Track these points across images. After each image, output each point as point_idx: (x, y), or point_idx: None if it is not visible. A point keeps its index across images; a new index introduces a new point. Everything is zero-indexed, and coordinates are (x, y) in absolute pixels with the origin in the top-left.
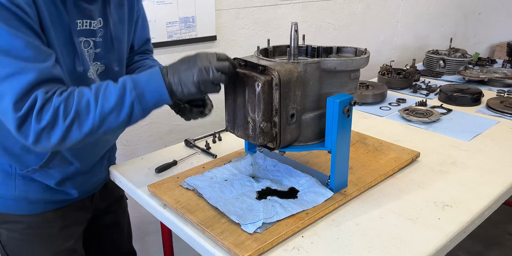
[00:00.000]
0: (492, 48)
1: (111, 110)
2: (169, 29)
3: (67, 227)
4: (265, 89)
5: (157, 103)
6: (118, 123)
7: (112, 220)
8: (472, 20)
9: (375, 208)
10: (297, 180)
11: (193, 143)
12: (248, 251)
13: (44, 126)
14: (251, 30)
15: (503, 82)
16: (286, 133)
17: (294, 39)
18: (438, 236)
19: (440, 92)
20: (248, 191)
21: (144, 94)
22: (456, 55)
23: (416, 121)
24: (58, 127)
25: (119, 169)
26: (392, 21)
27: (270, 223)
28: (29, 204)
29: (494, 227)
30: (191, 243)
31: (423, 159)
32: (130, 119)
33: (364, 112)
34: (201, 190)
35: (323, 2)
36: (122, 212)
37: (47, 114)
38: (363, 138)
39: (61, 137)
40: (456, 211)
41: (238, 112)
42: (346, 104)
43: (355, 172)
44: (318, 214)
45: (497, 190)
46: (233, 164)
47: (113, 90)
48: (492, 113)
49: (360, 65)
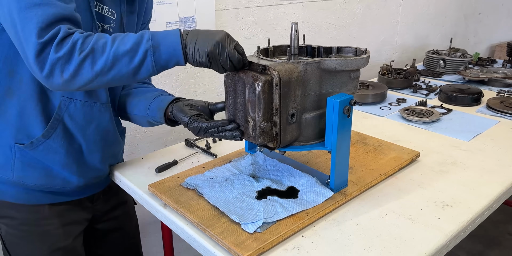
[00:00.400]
0: (492, 48)
1: (125, 53)
2: (169, 29)
3: (65, 226)
4: (265, 88)
5: (170, 59)
6: (128, 69)
7: (114, 225)
8: (472, 20)
9: (375, 208)
10: (297, 179)
11: (193, 142)
12: (248, 251)
13: (61, 57)
14: (251, 30)
15: (503, 82)
16: (286, 133)
17: (294, 39)
18: (438, 236)
19: (440, 92)
20: (248, 191)
21: (159, 46)
22: (456, 55)
23: (416, 121)
24: (73, 60)
25: (119, 169)
26: (392, 21)
27: (270, 222)
28: (25, 192)
29: (494, 227)
30: (191, 242)
31: (423, 159)
32: (140, 68)
33: (364, 112)
34: (201, 190)
35: (323, 2)
36: (126, 217)
37: (66, 46)
38: (363, 138)
39: (73, 73)
40: (456, 211)
41: (238, 112)
42: (346, 104)
43: (355, 172)
44: (318, 214)
45: (497, 190)
46: (233, 164)
47: (131, 36)
48: (492, 113)
49: (360, 65)
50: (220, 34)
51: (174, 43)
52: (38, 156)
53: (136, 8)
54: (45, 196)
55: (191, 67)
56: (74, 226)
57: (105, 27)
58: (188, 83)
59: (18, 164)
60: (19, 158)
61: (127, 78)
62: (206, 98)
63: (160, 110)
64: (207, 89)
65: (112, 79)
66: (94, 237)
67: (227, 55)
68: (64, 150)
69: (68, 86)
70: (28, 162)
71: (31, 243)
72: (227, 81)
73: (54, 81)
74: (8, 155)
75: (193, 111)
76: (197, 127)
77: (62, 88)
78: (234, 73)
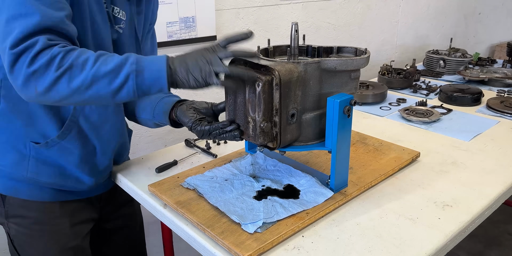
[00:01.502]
0: (492, 48)
1: (106, 74)
2: (169, 29)
3: (75, 225)
4: (265, 88)
5: (153, 85)
6: (107, 91)
7: (120, 224)
8: (472, 20)
9: (375, 208)
10: (297, 180)
11: (193, 143)
12: (249, 251)
13: (35, 70)
14: (251, 30)
15: (503, 82)
16: (287, 133)
17: (294, 39)
18: (438, 236)
19: (440, 92)
20: (248, 191)
21: (143, 71)
22: (456, 55)
23: (416, 121)
24: (48, 74)
25: (120, 169)
26: (392, 21)
27: (270, 222)
28: (39, 189)
29: (494, 227)
30: (191, 243)
31: (423, 159)
32: (120, 91)
33: (364, 112)
34: (201, 190)
35: (323, 2)
36: (132, 216)
37: (42, 59)
38: (363, 138)
39: (47, 87)
40: (456, 211)
41: (238, 112)
42: (347, 104)
43: (355, 172)
44: (319, 214)
45: (497, 190)
46: (233, 164)
47: (116, 58)
48: (492, 113)
49: (360, 65)
50: (205, 51)
51: (160, 69)
52: (52, 155)
53: (143, 9)
54: (58, 194)
55: None
56: (83, 225)
57: (115, 28)
58: None
59: (33, 161)
60: (34, 156)
61: (105, 99)
62: (206, 98)
63: (165, 114)
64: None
65: (89, 98)
66: (99, 236)
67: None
68: (78, 151)
69: (42, 99)
70: (43, 160)
71: (43, 243)
72: None
73: (28, 93)
74: (24, 152)
75: (196, 115)
76: (201, 131)
77: (36, 100)
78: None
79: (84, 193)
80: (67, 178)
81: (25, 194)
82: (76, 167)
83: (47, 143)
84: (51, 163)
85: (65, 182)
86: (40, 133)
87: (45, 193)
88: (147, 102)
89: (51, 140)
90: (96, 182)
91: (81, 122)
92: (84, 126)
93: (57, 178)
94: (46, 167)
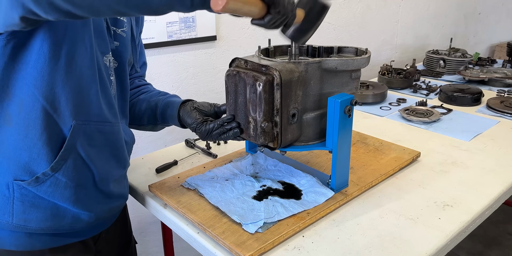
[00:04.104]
0: (492, 48)
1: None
2: (169, 29)
3: None
4: (266, 88)
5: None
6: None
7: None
8: (472, 20)
9: (375, 208)
10: (298, 180)
11: (194, 143)
12: (249, 251)
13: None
14: (251, 30)
15: (503, 82)
16: (287, 133)
17: None
18: (438, 236)
19: (440, 92)
20: (249, 191)
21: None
22: (456, 55)
23: (417, 121)
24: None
25: None
26: (392, 21)
27: (271, 222)
28: (28, 237)
29: (494, 227)
30: (192, 243)
31: (424, 159)
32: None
33: (364, 112)
34: (202, 190)
35: None
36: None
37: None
38: (364, 138)
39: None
40: (457, 211)
41: (239, 112)
42: (347, 104)
43: (355, 172)
44: (319, 214)
45: (497, 190)
46: (234, 164)
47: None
48: (492, 113)
49: (361, 65)
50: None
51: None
52: (43, 194)
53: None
54: (50, 240)
55: (191, 67)
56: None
57: (118, 32)
58: (189, 83)
59: (18, 205)
60: (18, 197)
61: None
62: (206, 98)
63: (173, 118)
64: (207, 89)
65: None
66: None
67: None
68: (74, 183)
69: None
70: (30, 202)
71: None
72: (228, 81)
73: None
74: (6, 195)
75: (199, 116)
76: (205, 131)
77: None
78: (234, 73)
79: (81, 234)
80: (62, 219)
81: (11, 245)
82: (73, 203)
83: (38, 179)
84: (41, 204)
85: (60, 223)
86: (26, 167)
87: (35, 240)
88: (147, 108)
89: (42, 174)
90: (96, 217)
91: (79, 148)
92: (82, 151)
93: (50, 221)
94: (35, 210)
